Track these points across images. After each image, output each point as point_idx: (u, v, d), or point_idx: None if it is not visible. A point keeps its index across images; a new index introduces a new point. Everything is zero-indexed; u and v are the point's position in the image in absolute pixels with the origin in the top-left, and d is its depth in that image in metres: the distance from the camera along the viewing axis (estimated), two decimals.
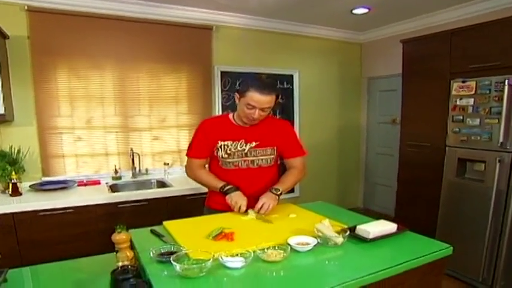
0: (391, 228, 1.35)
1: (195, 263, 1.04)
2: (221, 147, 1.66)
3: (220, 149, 1.66)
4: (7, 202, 2.15)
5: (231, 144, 1.66)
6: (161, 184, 2.88)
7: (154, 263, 1.11)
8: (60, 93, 2.69)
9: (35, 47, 2.56)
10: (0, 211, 2.04)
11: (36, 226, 2.14)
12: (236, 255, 1.11)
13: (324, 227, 1.28)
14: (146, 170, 3.02)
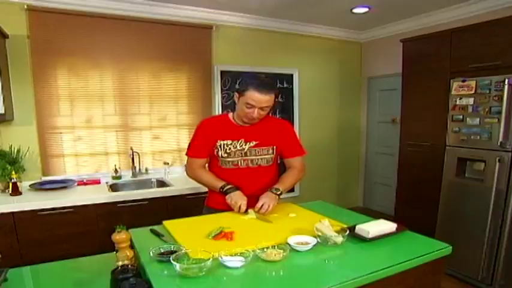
0: (390, 227, 1.35)
1: (195, 262, 1.04)
2: (220, 146, 1.66)
3: (219, 149, 1.66)
4: (7, 201, 2.16)
5: (231, 144, 1.66)
6: (161, 183, 2.88)
7: (154, 262, 1.11)
8: (60, 92, 2.69)
9: (35, 46, 2.56)
10: (0, 210, 2.05)
11: (36, 225, 2.15)
12: (236, 255, 1.11)
13: (323, 227, 1.28)
14: (146, 169, 3.02)
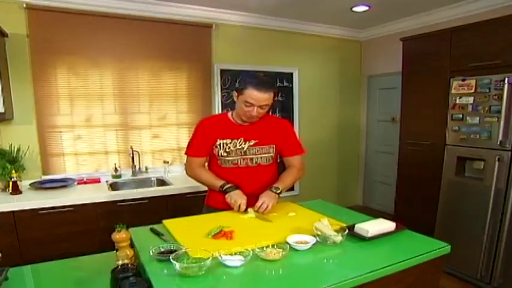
0: (389, 226, 1.35)
1: (195, 261, 1.05)
2: (220, 145, 1.66)
3: (219, 148, 1.66)
4: (7, 200, 2.16)
5: (230, 143, 1.66)
6: (161, 182, 2.89)
7: (154, 261, 1.11)
8: (60, 91, 2.69)
9: (34, 45, 2.55)
10: (0, 209, 2.05)
11: (36, 224, 2.15)
12: (235, 254, 1.12)
13: (322, 226, 1.28)
14: (146, 168, 3.02)
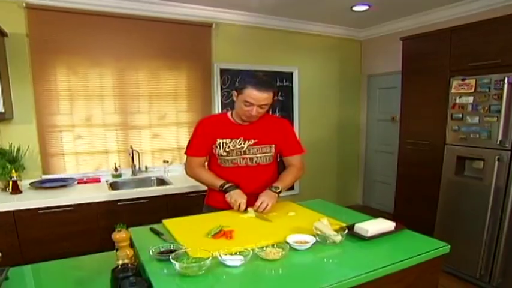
0: (389, 226, 1.36)
1: (194, 261, 1.05)
2: (220, 145, 1.66)
3: (218, 147, 1.67)
4: (7, 200, 2.16)
5: (230, 142, 1.66)
6: (161, 182, 2.89)
7: (154, 261, 1.12)
8: (60, 91, 2.69)
9: (34, 44, 2.55)
10: (0, 209, 2.06)
11: (36, 224, 2.15)
12: (235, 254, 1.12)
13: (322, 226, 1.29)
14: (146, 167, 3.02)
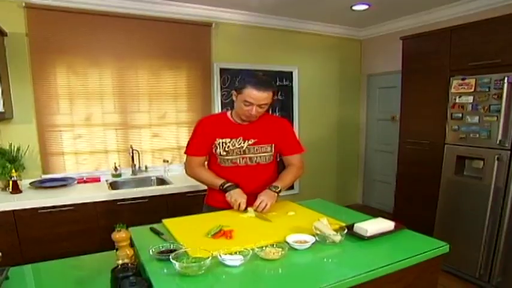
0: (388, 226, 1.36)
1: (194, 261, 1.05)
2: (219, 144, 1.67)
3: (218, 147, 1.67)
4: (7, 200, 2.16)
5: (229, 142, 1.66)
6: (161, 181, 2.89)
7: (154, 261, 1.12)
8: (60, 90, 2.69)
9: (34, 44, 2.55)
10: (1, 209, 2.06)
11: (36, 223, 2.16)
12: (235, 253, 1.12)
13: (322, 225, 1.29)
14: (146, 167, 3.02)
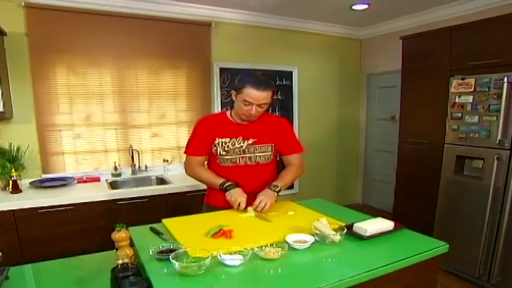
0: (387, 225, 1.36)
1: (194, 261, 1.06)
2: (219, 144, 1.67)
3: (218, 146, 1.67)
4: (7, 199, 2.17)
5: (229, 141, 1.67)
6: (161, 181, 2.89)
7: (154, 260, 1.12)
8: (59, 90, 2.69)
9: (33, 43, 2.55)
10: (1, 208, 2.06)
11: (36, 223, 2.16)
12: (234, 253, 1.12)
13: (321, 225, 1.29)
14: (146, 166, 3.03)
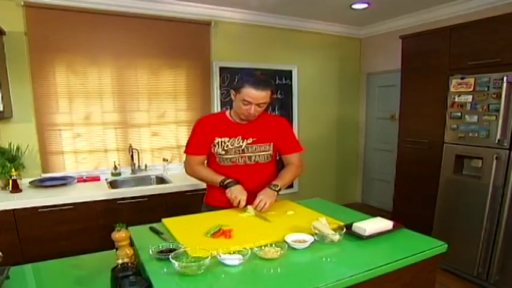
0: (386, 225, 1.37)
1: (194, 260, 1.06)
2: (218, 143, 1.67)
3: (217, 146, 1.67)
4: (7, 199, 2.17)
5: (228, 141, 1.67)
6: (160, 180, 2.90)
7: (154, 260, 1.12)
8: (59, 89, 2.69)
9: (33, 43, 2.54)
10: (0, 208, 2.06)
11: (36, 222, 2.16)
12: (234, 253, 1.13)
13: (320, 225, 1.30)
14: (145, 166, 3.03)
